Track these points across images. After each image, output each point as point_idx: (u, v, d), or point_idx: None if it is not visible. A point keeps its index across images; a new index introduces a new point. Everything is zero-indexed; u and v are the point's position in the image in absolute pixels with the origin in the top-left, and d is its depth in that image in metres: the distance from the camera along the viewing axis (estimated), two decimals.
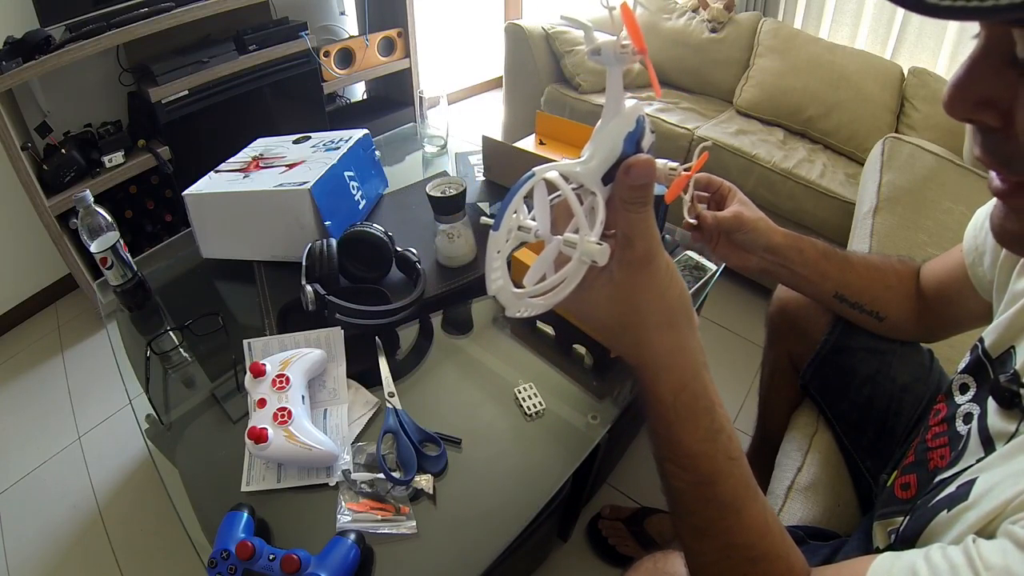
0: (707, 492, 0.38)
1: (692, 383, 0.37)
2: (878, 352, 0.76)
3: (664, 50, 2.14)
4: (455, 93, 3.08)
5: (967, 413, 0.50)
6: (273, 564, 0.57)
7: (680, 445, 0.37)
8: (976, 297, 0.61)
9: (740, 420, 1.39)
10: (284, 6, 1.97)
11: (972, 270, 0.61)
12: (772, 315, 0.89)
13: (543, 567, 1.11)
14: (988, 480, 0.39)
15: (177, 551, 1.11)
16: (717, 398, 0.38)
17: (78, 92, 1.66)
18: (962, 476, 0.42)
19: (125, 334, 0.96)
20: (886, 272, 0.71)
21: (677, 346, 0.36)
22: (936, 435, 0.54)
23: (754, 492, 0.39)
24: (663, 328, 0.36)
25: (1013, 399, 0.42)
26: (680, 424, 0.37)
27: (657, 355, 0.36)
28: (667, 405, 0.37)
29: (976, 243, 0.60)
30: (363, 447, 0.73)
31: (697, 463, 0.37)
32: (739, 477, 0.38)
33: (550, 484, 0.71)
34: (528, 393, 0.80)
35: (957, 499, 0.41)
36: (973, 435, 0.46)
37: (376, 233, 0.93)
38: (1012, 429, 0.41)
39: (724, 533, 0.38)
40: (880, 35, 2.06)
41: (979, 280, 0.61)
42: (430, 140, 1.42)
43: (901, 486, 0.56)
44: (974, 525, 0.37)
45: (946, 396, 0.55)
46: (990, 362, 0.49)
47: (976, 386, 0.51)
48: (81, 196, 0.90)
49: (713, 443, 0.37)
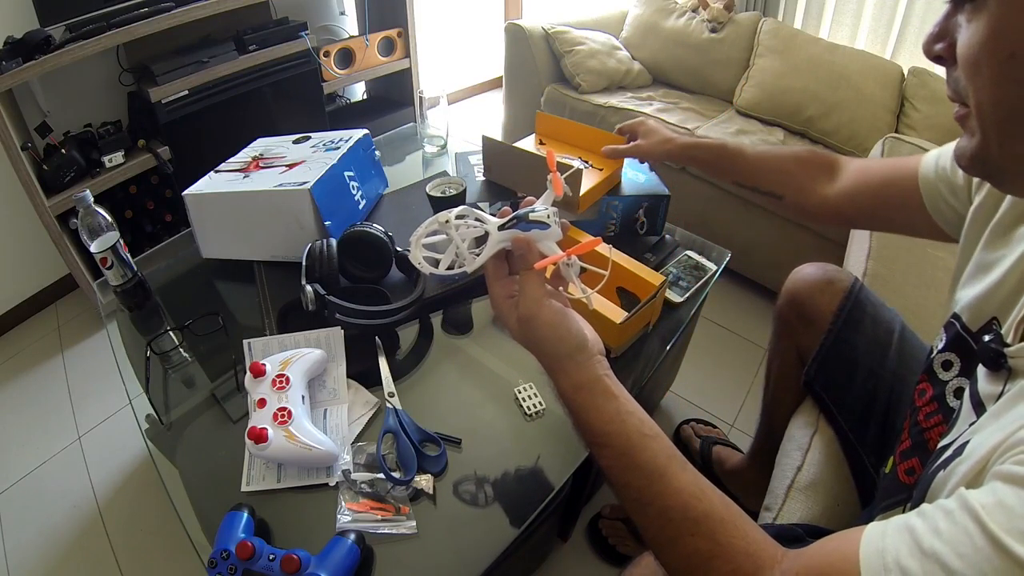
0: (627, 461, 0.45)
1: (587, 383, 0.48)
2: (879, 343, 0.78)
3: (664, 50, 2.14)
4: (455, 93, 3.08)
5: (957, 388, 0.52)
6: (273, 564, 0.57)
7: (592, 427, 0.47)
8: (922, 212, 0.65)
9: (740, 420, 1.39)
10: (284, 6, 1.97)
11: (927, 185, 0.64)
12: (781, 307, 0.90)
13: (543, 567, 1.11)
14: (980, 438, 0.40)
15: (177, 551, 1.11)
16: (623, 395, 0.48)
17: (78, 92, 1.66)
18: (958, 440, 0.44)
19: (125, 334, 0.96)
20: (783, 159, 0.81)
21: (569, 365, 0.48)
22: (928, 414, 0.55)
23: (681, 463, 0.45)
24: (555, 356, 0.49)
25: (998, 359, 0.43)
26: (585, 411, 0.47)
27: (553, 368, 0.49)
28: (569, 398, 0.48)
29: (938, 166, 0.63)
30: (363, 447, 0.73)
31: (611, 440, 0.46)
32: (656, 449, 0.45)
33: (550, 484, 0.71)
34: (528, 393, 0.80)
35: (952, 459, 0.42)
36: (965, 403, 0.47)
37: (376, 233, 0.93)
38: (999, 389, 0.42)
39: (657, 498, 0.43)
40: (880, 35, 2.06)
41: (932, 200, 0.63)
42: (430, 140, 1.42)
43: (905, 471, 0.56)
44: (966, 475, 0.38)
45: (928, 375, 0.56)
46: (971, 336, 0.51)
47: (960, 361, 0.53)
48: (81, 196, 0.90)
49: (622, 424, 0.46)
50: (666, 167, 1.75)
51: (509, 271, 0.53)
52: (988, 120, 0.37)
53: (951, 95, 0.41)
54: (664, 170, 1.01)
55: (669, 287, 0.98)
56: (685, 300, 0.97)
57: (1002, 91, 0.36)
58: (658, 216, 1.07)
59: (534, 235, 0.50)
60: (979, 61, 0.36)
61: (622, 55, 2.13)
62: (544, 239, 0.50)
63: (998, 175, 0.41)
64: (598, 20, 2.25)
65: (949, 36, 0.39)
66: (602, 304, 0.83)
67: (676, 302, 0.96)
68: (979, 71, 0.36)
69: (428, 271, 0.53)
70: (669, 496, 0.43)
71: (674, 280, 1.00)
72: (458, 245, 0.52)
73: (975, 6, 0.36)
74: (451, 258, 0.53)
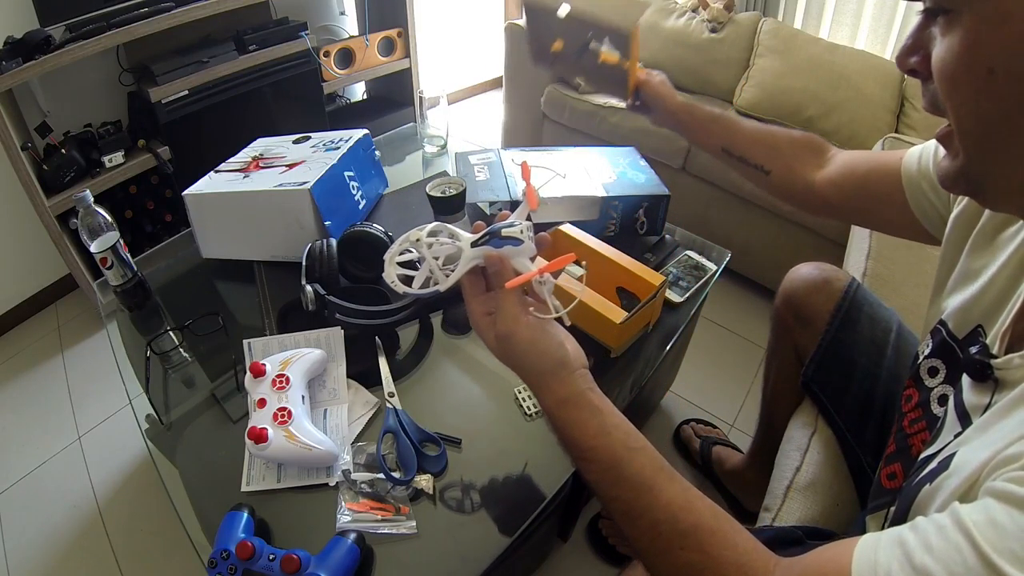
0: (614, 475, 0.45)
1: (571, 398, 0.47)
2: (876, 343, 0.78)
3: (664, 50, 2.14)
4: (455, 93, 3.08)
5: (941, 395, 0.51)
6: (273, 564, 0.57)
7: (577, 442, 0.46)
8: (905, 209, 0.63)
9: (740, 420, 1.39)
10: (284, 6, 1.97)
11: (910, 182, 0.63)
12: (778, 307, 0.90)
13: (543, 567, 1.11)
14: (967, 451, 0.39)
15: (177, 551, 1.11)
16: (607, 408, 0.47)
17: (78, 92, 1.66)
18: (943, 452, 0.43)
19: (125, 334, 0.96)
20: (777, 136, 0.79)
21: (552, 381, 0.48)
22: (913, 421, 0.55)
23: (668, 474, 0.44)
24: (536, 372, 0.49)
25: (985, 370, 0.42)
26: (569, 427, 0.47)
27: (535, 385, 0.49)
28: (553, 414, 0.48)
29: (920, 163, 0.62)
30: (363, 447, 0.74)
31: (596, 454, 0.46)
32: (643, 462, 0.44)
33: (550, 484, 0.71)
34: (528, 393, 0.80)
35: (938, 472, 0.41)
36: (950, 413, 0.47)
37: (376, 233, 0.93)
38: (986, 401, 0.42)
39: (647, 511, 0.43)
40: (880, 35, 2.06)
41: (915, 198, 0.62)
42: (430, 140, 1.42)
43: (887, 476, 0.56)
44: (956, 491, 0.37)
45: (914, 381, 0.56)
46: (956, 343, 0.51)
47: (946, 368, 0.52)
48: (81, 196, 0.90)
49: (607, 437, 0.45)
50: (666, 167, 1.75)
51: (486, 287, 0.52)
52: (968, 138, 0.36)
53: (927, 107, 0.39)
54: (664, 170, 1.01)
55: (669, 287, 0.98)
56: (685, 300, 0.97)
57: (981, 108, 0.34)
58: (658, 216, 1.07)
59: (507, 251, 0.50)
60: (956, 77, 0.34)
61: None
62: (517, 255, 0.50)
63: (980, 192, 0.40)
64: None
65: (923, 48, 0.37)
66: (602, 304, 0.83)
67: (676, 302, 0.96)
68: (956, 87, 0.35)
69: (402, 290, 0.53)
70: (657, 509, 0.43)
71: (674, 280, 1.00)
72: (431, 264, 0.52)
73: (949, 19, 0.34)
74: (425, 276, 0.53)
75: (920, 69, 0.38)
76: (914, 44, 0.38)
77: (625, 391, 0.83)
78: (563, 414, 0.47)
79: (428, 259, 0.52)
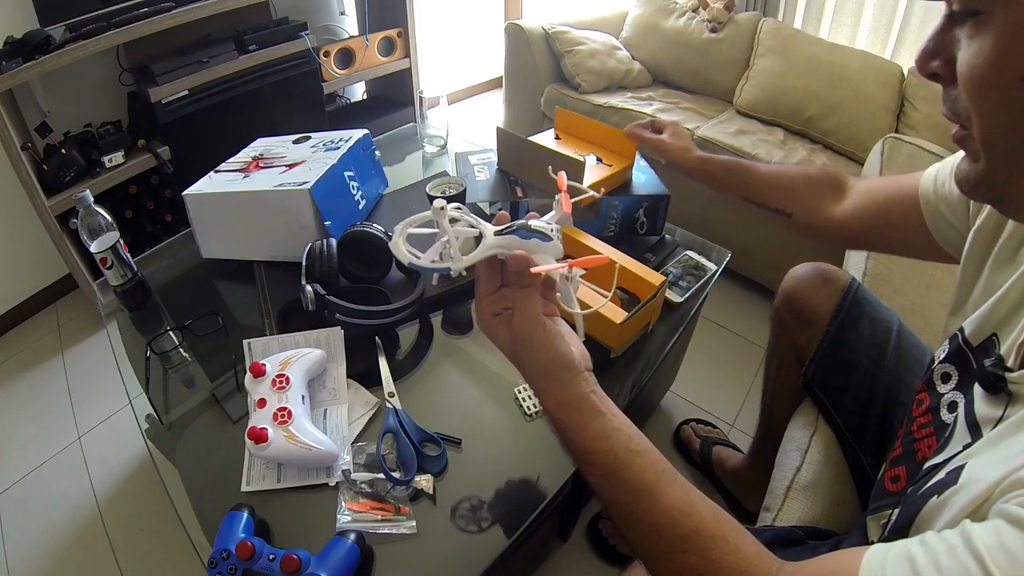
0: (615, 478, 0.44)
1: (573, 401, 0.46)
2: (876, 343, 0.78)
3: (664, 50, 2.14)
4: (455, 93, 3.08)
5: (951, 402, 0.51)
6: (273, 564, 0.57)
7: (579, 445, 0.46)
8: (924, 232, 0.63)
9: (740, 420, 1.39)
10: (284, 6, 1.97)
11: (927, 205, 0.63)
12: (778, 307, 0.90)
13: (543, 567, 1.11)
14: (977, 465, 0.39)
15: (177, 551, 1.11)
16: (609, 411, 0.46)
17: (78, 92, 1.66)
18: (951, 463, 0.43)
19: (125, 334, 0.96)
20: (793, 178, 0.81)
21: (555, 385, 0.47)
22: (921, 425, 0.54)
23: (670, 477, 0.44)
24: (541, 376, 0.47)
25: (998, 383, 0.42)
26: (571, 430, 0.46)
27: (539, 388, 0.48)
28: (555, 417, 0.47)
29: (937, 184, 0.62)
30: (363, 447, 0.74)
31: (598, 457, 0.45)
32: (645, 466, 0.44)
33: (550, 484, 0.71)
34: (528, 393, 0.80)
35: (947, 484, 0.41)
36: (959, 422, 0.47)
37: (376, 233, 0.93)
38: (998, 414, 0.42)
39: (647, 515, 0.43)
40: (880, 35, 2.06)
41: (933, 220, 0.62)
42: (430, 140, 1.42)
43: (891, 479, 0.56)
44: (965, 508, 0.37)
45: (927, 386, 0.56)
46: (971, 350, 0.50)
47: (958, 375, 0.52)
48: (81, 196, 0.90)
49: (608, 440, 0.45)
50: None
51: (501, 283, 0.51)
52: (995, 147, 0.35)
53: (947, 114, 0.38)
54: (664, 170, 1.01)
55: (669, 287, 0.98)
56: (685, 300, 0.97)
57: (1011, 117, 0.33)
58: (658, 216, 1.07)
59: (533, 245, 0.47)
60: (984, 84, 0.33)
61: (622, 55, 2.13)
62: (543, 251, 0.48)
63: (1003, 201, 0.39)
64: (598, 20, 2.25)
65: (946, 52, 0.36)
66: None
67: (676, 302, 0.96)
68: (984, 94, 0.34)
69: (408, 260, 0.48)
70: (658, 513, 0.42)
71: (674, 280, 1.00)
72: (449, 236, 0.48)
73: (978, 22, 0.32)
74: (439, 251, 0.49)
75: (943, 73, 0.37)
76: (936, 47, 0.37)
77: (625, 391, 0.83)
78: (565, 417, 0.47)
79: (448, 232, 0.48)
